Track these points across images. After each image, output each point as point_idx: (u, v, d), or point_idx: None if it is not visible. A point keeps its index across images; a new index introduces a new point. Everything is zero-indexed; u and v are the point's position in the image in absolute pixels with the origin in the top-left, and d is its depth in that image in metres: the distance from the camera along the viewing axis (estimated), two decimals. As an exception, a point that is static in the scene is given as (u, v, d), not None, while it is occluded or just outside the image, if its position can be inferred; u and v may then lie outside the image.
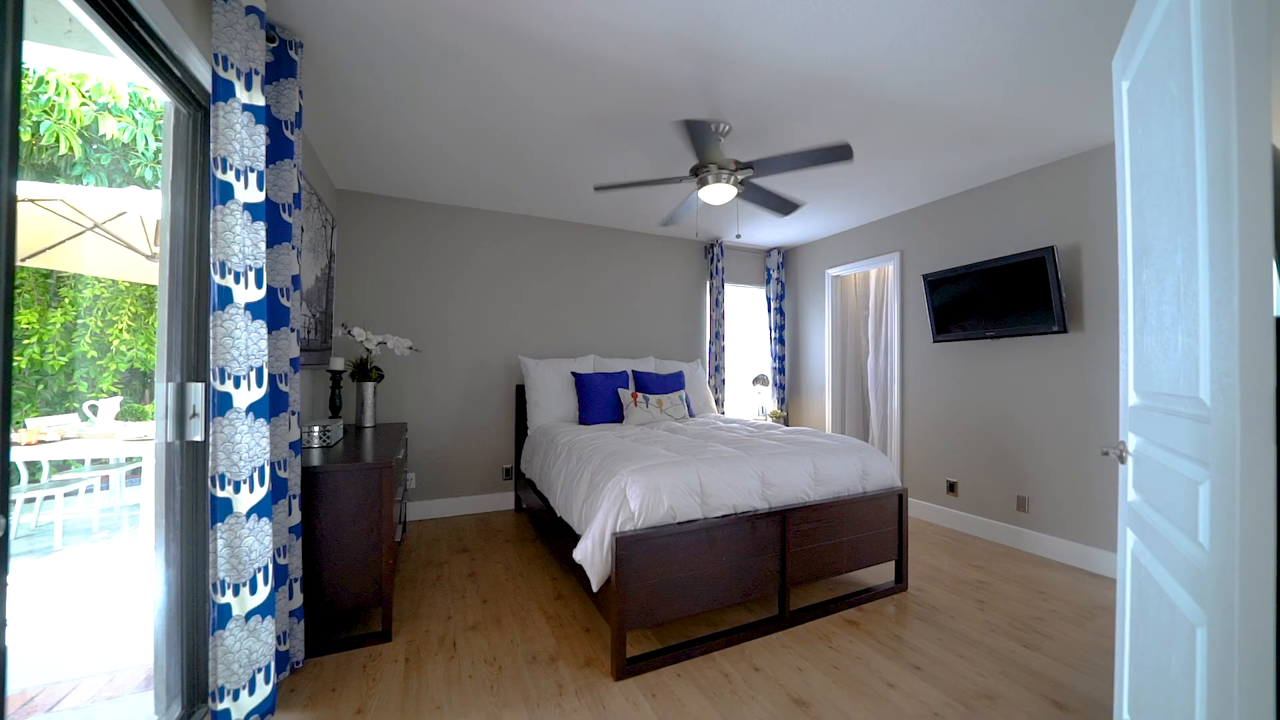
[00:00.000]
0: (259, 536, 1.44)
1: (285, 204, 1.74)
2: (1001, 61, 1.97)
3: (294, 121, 1.76)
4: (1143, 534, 1.18)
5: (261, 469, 1.45)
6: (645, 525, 1.88)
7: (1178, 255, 0.96)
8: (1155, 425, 1.09)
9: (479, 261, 3.89)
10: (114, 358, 4.49)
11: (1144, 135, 1.16)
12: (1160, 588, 1.06)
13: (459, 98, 2.28)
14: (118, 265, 3.11)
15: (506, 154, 2.89)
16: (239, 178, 1.41)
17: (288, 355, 1.72)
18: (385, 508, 2.00)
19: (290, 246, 1.75)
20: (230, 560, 1.38)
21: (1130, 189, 1.26)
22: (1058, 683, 1.79)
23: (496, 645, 2.00)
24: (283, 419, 1.70)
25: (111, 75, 3.31)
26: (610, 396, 3.58)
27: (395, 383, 3.59)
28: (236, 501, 1.39)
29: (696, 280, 4.82)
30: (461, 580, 2.60)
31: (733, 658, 1.94)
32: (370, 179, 3.32)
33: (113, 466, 3.88)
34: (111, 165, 4.19)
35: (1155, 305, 1.08)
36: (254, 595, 1.42)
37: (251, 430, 1.43)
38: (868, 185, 3.39)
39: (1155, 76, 1.05)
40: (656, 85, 2.14)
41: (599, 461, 2.23)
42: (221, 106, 1.39)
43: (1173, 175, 0.97)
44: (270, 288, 1.68)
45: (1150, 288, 1.11)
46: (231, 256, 1.39)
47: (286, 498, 1.71)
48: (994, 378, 3.30)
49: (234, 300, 1.40)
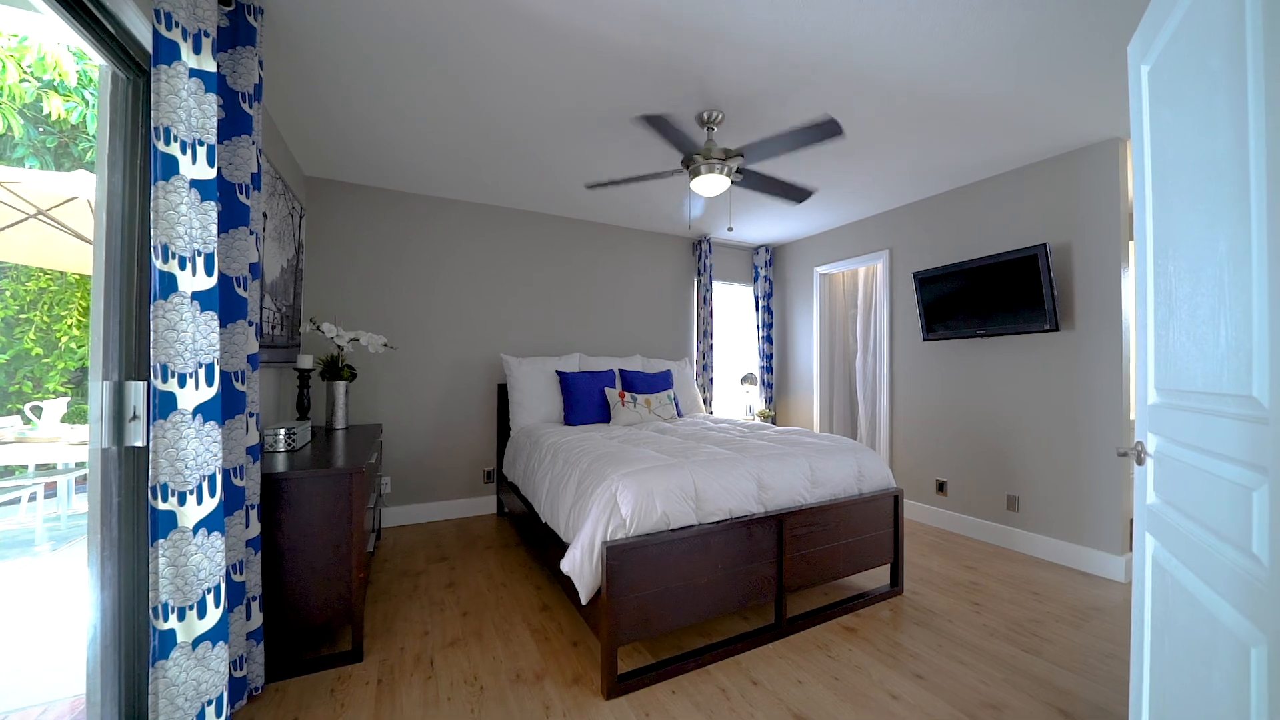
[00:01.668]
0: (209, 553, 1.29)
1: (242, 184, 1.58)
2: (1003, 50, 1.92)
3: (253, 95, 1.60)
4: (1165, 539, 1.12)
5: (212, 478, 1.30)
6: (637, 533, 1.77)
7: (1220, 243, 0.89)
8: (1184, 425, 1.03)
9: (459, 255, 3.72)
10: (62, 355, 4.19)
11: (1171, 119, 1.09)
12: (1193, 598, 0.99)
13: (439, 79, 2.14)
14: (66, 256, 2.86)
15: (491, 142, 2.75)
16: (185, 151, 1.26)
17: (244, 351, 1.57)
18: (355, 516, 1.85)
19: (248, 231, 1.59)
20: (175, 581, 1.22)
21: (1151, 178, 1.20)
22: (1062, 689, 1.74)
23: (478, 663, 1.87)
24: (239, 421, 1.54)
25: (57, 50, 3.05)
26: (596, 396, 3.45)
27: (369, 382, 3.40)
28: (182, 515, 1.24)
29: (684, 277, 4.73)
30: (440, 591, 2.45)
31: (729, 670, 1.84)
32: (343, 166, 3.14)
33: (60, 473, 3.60)
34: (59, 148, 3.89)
35: (1187, 298, 1.01)
36: (203, 619, 1.27)
37: (200, 435, 1.28)
38: (858, 181, 3.34)
39: (1189, 55, 0.99)
40: (649, 68, 2.03)
41: (587, 465, 2.12)
42: (165, 70, 1.23)
43: (1213, 158, 0.91)
44: (224, 276, 1.52)
45: (1180, 279, 1.04)
46: (176, 239, 1.24)
47: (243, 508, 1.55)
48: (984, 376, 3.28)
49: (179, 288, 1.24)
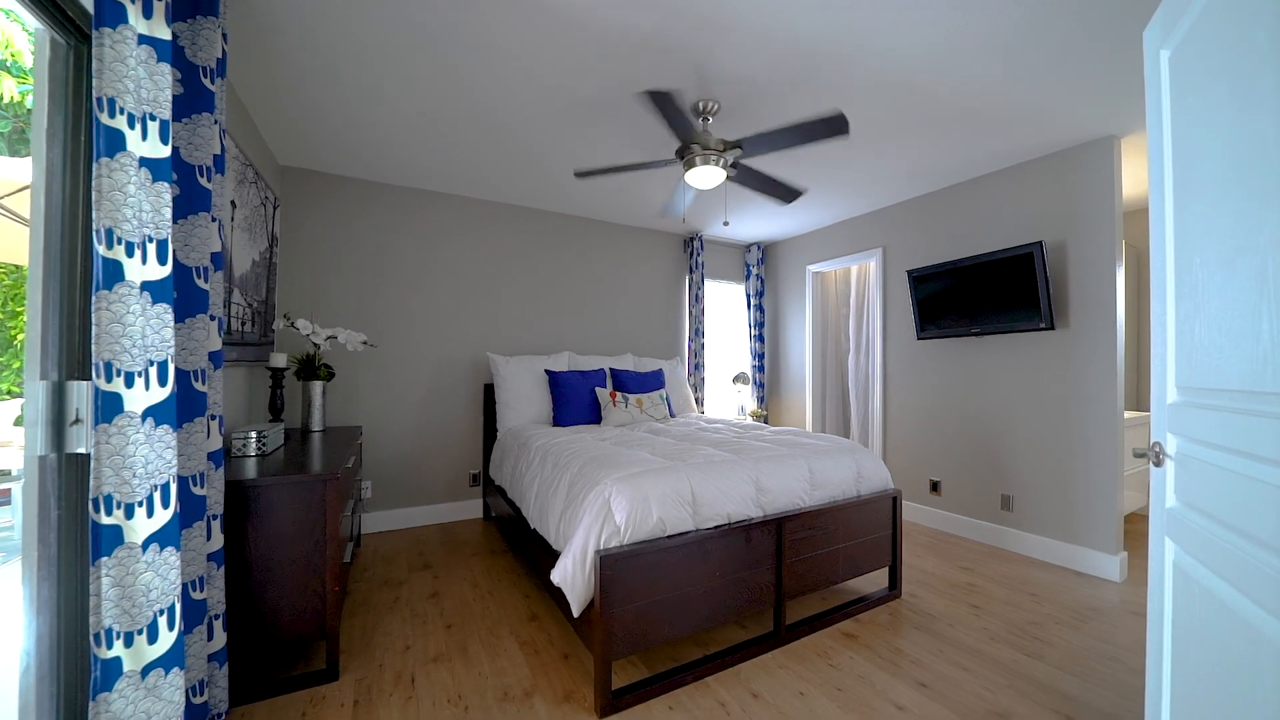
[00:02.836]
0: (161, 571, 1.17)
1: (203, 166, 1.45)
2: (1007, 41, 1.87)
3: (215, 69, 1.47)
4: (1189, 544, 1.07)
5: (165, 487, 1.18)
6: (632, 540, 1.67)
7: (1262, 232, 0.84)
8: (1213, 425, 0.98)
9: (444, 250, 3.58)
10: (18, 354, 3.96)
11: (1197, 105, 1.04)
12: (1226, 607, 0.94)
13: (422, 58, 2.01)
14: (22, 247, 2.65)
15: (477, 127, 2.62)
16: (134, 125, 1.13)
17: (205, 348, 1.44)
18: (330, 525, 1.73)
19: (210, 218, 1.46)
20: (120, 604, 1.10)
21: (1173, 168, 1.15)
22: (1067, 696, 1.69)
23: (462, 680, 1.76)
24: (198, 425, 1.41)
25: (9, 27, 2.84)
26: (587, 396, 3.35)
27: (349, 381, 3.25)
28: (129, 529, 1.11)
29: (676, 275, 4.65)
30: (422, 602, 2.33)
31: (728, 682, 1.76)
32: (321, 155, 2.98)
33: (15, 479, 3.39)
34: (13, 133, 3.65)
35: (1218, 291, 0.96)
36: (154, 644, 1.14)
37: (151, 440, 1.15)
38: (852, 178, 3.29)
39: (1224, 32, 0.93)
40: (643, 53, 1.94)
41: (578, 468, 2.02)
42: (109, 34, 1.10)
43: (1256, 140, 0.85)
44: (181, 266, 1.39)
45: (1210, 272, 0.99)
46: (122, 223, 1.11)
47: (204, 519, 1.42)
48: (978, 375, 3.26)
49: (125, 278, 1.12)
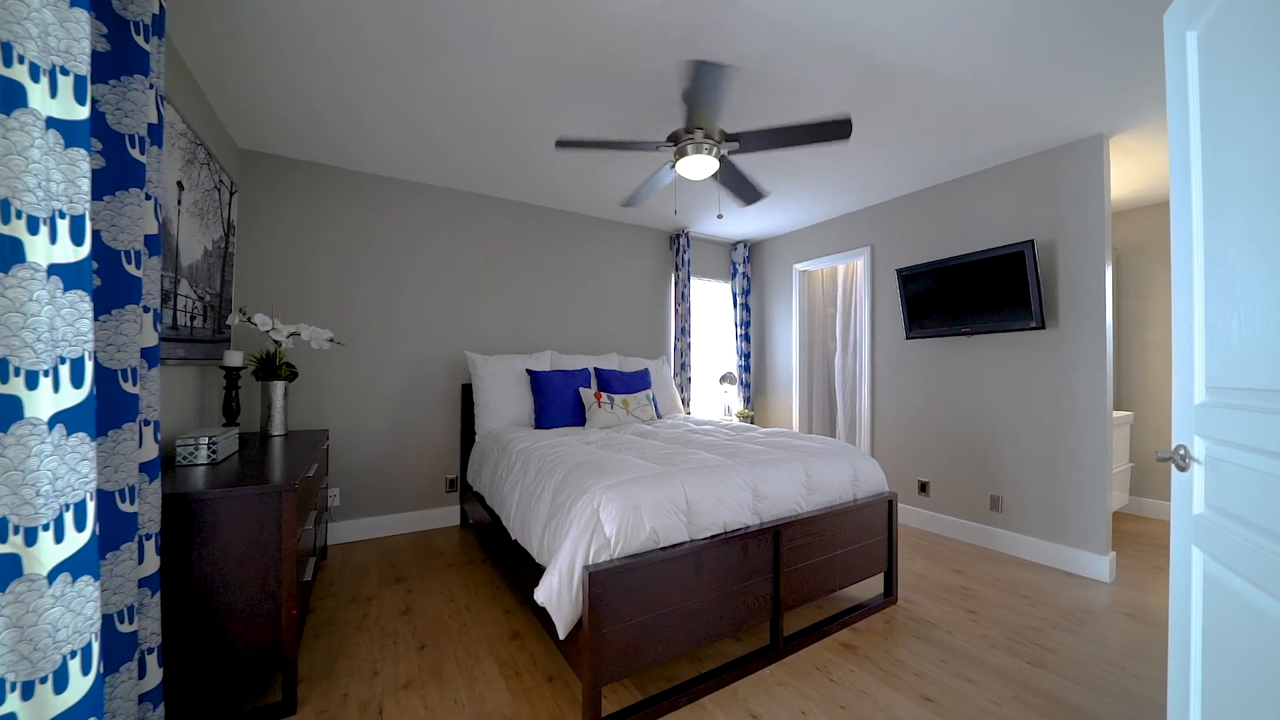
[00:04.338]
0: (74, 605, 0.99)
1: (136, 136, 1.26)
2: (997, 38, 1.82)
3: (151, 26, 1.29)
4: (1222, 555, 1.00)
5: (79, 506, 1.00)
6: (623, 554, 1.55)
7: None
8: (1252, 427, 0.90)
9: (419, 243, 3.39)
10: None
11: (1232, 87, 0.97)
12: (1270, 620, 0.87)
13: (391, 32, 1.85)
14: None
15: (456, 112, 2.45)
16: (38, 78, 0.95)
17: (137, 344, 1.25)
18: (286, 541, 1.55)
19: (144, 195, 1.28)
20: (17, 648, 0.92)
21: (1201, 153, 1.08)
22: (1075, 706, 1.63)
23: (436, 709, 1.60)
24: (127, 431, 1.23)
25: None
26: (570, 397, 3.21)
27: (313, 382, 3.04)
28: (29, 558, 0.93)
29: (661, 272, 4.53)
30: (393, 620, 2.16)
31: (725, 703, 1.65)
32: (283, 138, 2.77)
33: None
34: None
35: (1262, 285, 0.89)
36: (63, 693, 0.97)
37: (60, 451, 0.98)
38: (841, 175, 3.22)
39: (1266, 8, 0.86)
40: (636, 35, 1.82)
41: (563, 475, 1.88)
42: (6, -33, 0.92)
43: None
44: (106, 248, 1.21)
45: (1251, 264, 0.92)
46: (23, 193, 0.93)
47: (134, 540, 1.24)
48: (968, 375, 3.23)
49: (27, 258, 0.94)
